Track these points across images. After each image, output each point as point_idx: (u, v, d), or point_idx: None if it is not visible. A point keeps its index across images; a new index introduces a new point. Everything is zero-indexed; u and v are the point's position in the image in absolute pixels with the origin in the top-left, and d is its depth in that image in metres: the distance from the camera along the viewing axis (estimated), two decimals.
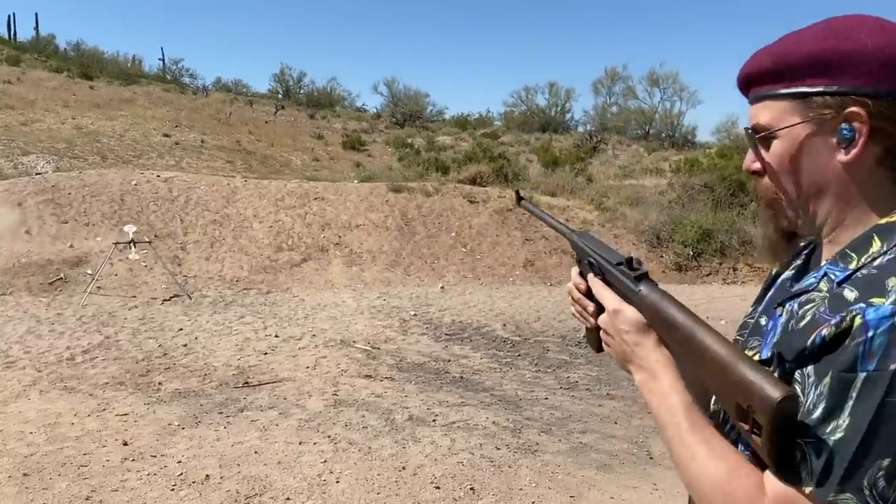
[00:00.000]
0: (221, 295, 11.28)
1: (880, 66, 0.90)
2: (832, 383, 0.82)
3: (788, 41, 0.98)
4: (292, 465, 4.49)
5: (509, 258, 14.38)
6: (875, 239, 0.94)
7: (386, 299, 11.20)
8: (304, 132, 30.80)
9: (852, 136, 0.92)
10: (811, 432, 0.82)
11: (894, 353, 0.79)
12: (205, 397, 5.99)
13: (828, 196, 0.98)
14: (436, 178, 17.61)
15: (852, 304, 0.86)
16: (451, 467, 4.48)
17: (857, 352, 0.81)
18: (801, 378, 0.87)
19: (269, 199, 14.67)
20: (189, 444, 4.84)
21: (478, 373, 7.18)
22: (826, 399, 0.82)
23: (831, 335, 0.84)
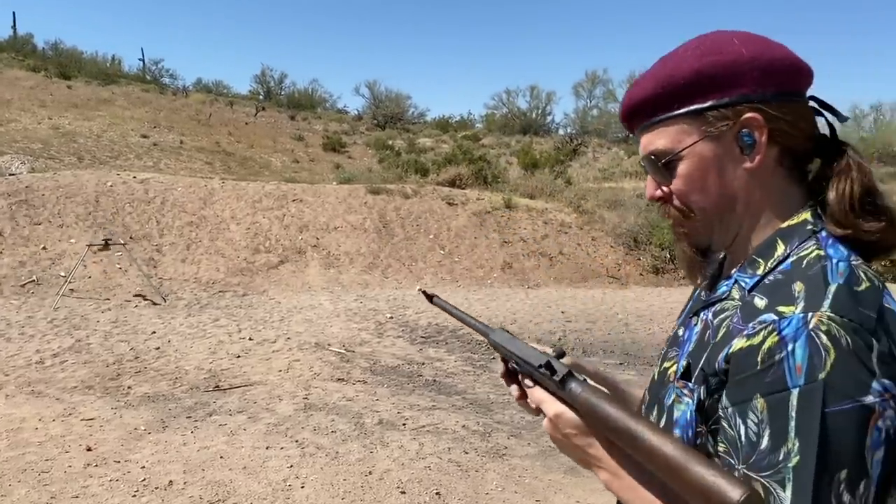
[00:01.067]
0: (196, 297, 11.20)
1: (761, 73, 0.93)
2: (768, 407, 0.80)
3: (668, 64, 0.98)
4: (258, 470, 4.45)
5: (487, 260, 14.40)
6: (778, 243, 0.95)
7: (363, 302, 11.16)
8: (285, 133, 30.66)
9: (753, 142, 0.93)
10: (766, 464, 0.79)
11: (818, 361, 0.78)
12: (174, 401, 5.93)
13: (738, 206, 0.98)
14: (415, 180, 17.59)
15: (762, 311, 0.86)
16: (417, 472, 4.46)
17: (782, 369, 0.80)
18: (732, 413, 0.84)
19: (247, 201, 14.59)
20: (154, 450, 4.78)
21: (451, 376, 7.17)
22: (768, 425, 0.80)
23: (743, 347, 0.84)
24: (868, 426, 0.78)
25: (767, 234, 0.97)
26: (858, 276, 0.86)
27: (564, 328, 9.96)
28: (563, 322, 10.41)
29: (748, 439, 0.81)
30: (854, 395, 0.77)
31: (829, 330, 0.79)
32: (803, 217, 0.96)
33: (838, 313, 0.80)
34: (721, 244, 1.03)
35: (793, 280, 0.87)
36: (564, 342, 9.09)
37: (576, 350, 8.70)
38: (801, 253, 0.92)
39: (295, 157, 26.71)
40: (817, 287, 0.84)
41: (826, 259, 0.88)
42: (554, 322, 10.37)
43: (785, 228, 0.96)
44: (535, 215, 16.29)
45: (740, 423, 0.82)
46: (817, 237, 0.93)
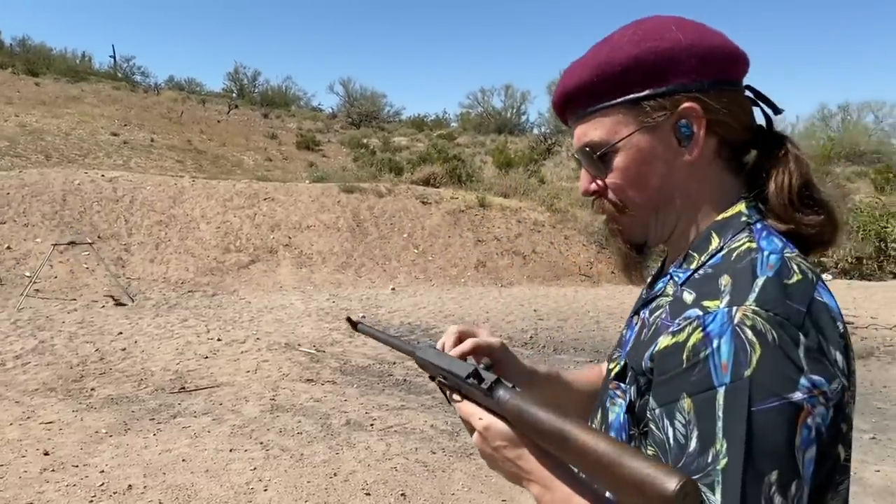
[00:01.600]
0: (165, 297, 11.04)
1: (699, 60, 0.90)
2: (695, 407, 0.76)
3: (603, 51, 0.93)
4: (220, 473, 4.37)
5: (461, 259, 14.38)
6: (713, 236, 0.92)
7: (335, 301, 11.08)
8: (258, 132, 30.39)
9: (691, 133, 0.90)
10: (695, 466, 0.75)
11: (744, 357, 0.75)
12: (138, 403, 5.82)
13: (676, 200, 0.95)
14: (389, 178, 17.52)
15: (689, 306, 0.83)
16: (383, 473, 4.41)
17: (707, 367, 0.76)
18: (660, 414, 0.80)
19: (218, 200, 14.42)
20: (115, 453, 4.68)
21: (422, 375, 7.11)
22: (696, 426, 0.76)
23: (668, 345, 0.81)
24: (797, 424, 0.74)
25: (703, 228, 0.94)
26: (790, 268, 0.83)
27: (537, 326, 9.96)
28: (535, 320, 10.41)
29: (676, 441, 0.78)
30: (781, 393, 0.74)
31: (755, 325, 0.76)
32: (738, 209, 0.93)
33: (764, 307, 0.77)
34: (657, 239, 1.00)
35: (720, 273, 0.84)
36: (536, 340, 9.08)
37: (547, 348, 8.69)
38: (733, 245, 0.88)
39: (268, 155, 26.48)
40: (744, 280, 0.81)
41: (757, 251, 0.85)
42: (526, 320, 10.37)
43: (720, 221, 0.93)
44: (509, 214, 16.29)
45: (668, 424, 0.79)
46: (750, 229, 0.90)
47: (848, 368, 0.80)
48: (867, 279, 15.37)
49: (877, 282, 15.11)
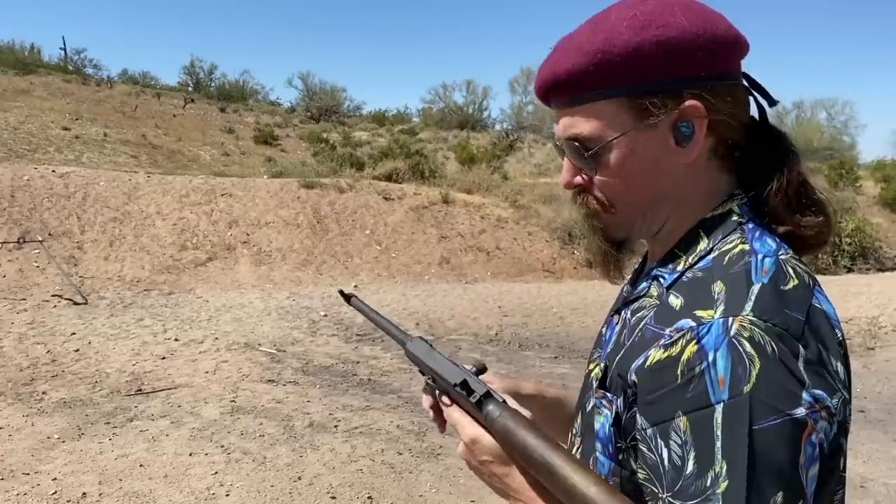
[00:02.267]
0: (120, 296, 10.73)
1: (703, 52, 0.81)
2: (692, 426, 0.70)
3: (600, 34, 0.83)
4: (180, 478, 4.22)
5: (425, 256, 14.29)
6: (701, 236, 0.86)
7: (296, 299, 10.90)
8: (215, 126, 29.84)
9: (691, 133, 0.83)
10: (693, 490, 0.69)
11: (742, 372, 0.69)
12: (92, 407, 5.62)
13: (668, 200, 0.88)
14: (350, 174, 17.33)
15: (679, 315, 0.77)
16: (349, 475, 4.31)
17: (704, 382, 0.70)
18: (653, 434, 0.74)
19: (174, 196, 14.09)
20: (68, 459, 4.49)
21: (387, 374, 7.03)
22: (693, 446, 0.70)
23: (661, 358, 0.74)
24: (801, 442, 0.69)
25: (691, 226, 0.87)
26: (786, 272, 0.77)
27: (501, 323, 9.93)
28: (500, 316, 10.39)
29: (672, 463, 0.71)
30: (784, 409, 0.68)
31: (753, 336, 0.70)
32: (728, 207, 0.87)
33: (761, 317, 0.71)
34: (640, 237, 0.93)
35: (713, 279, 0.78)
36: (501, 337, 9.06)
37: (512, 344, 8.67)
38: (724, 247, 0.82)
39: (225, 150, 26.02)
40: (739, 287, 0.75)
41: (751, 254, 0.79)
42: (491, 317, 10.34)
43: (709, 219, 0.87)
44: (473, 210, 16.26)
45: (662, 445, 0.72)
46: (743, 229, 0.84)
47: (847, 379, 0.76)
48: (822, 273, 15.69)
49: (831, 276, 15.46)
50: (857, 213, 18.57)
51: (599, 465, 0.85)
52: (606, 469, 0.84)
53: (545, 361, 7.85)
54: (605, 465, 0.84)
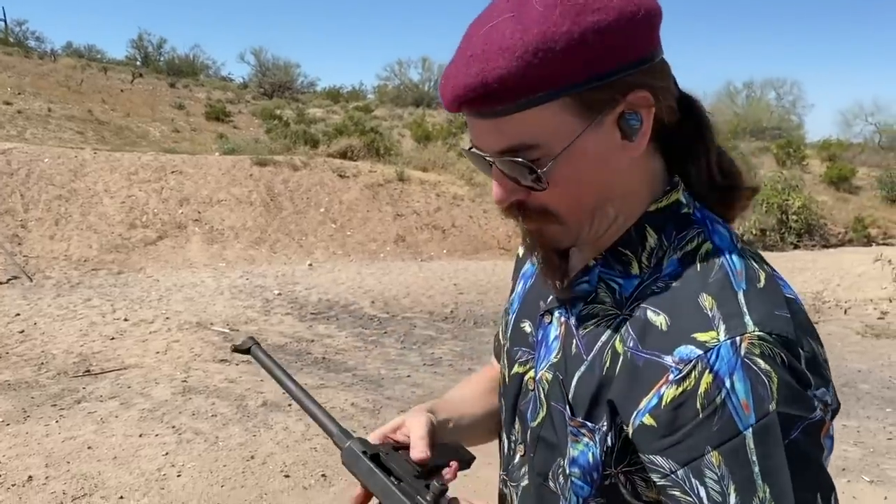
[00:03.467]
0: (67, 276, 10.45)
1: (640, 33, 0.74)
2: (724, 459, 0.68)
3: (531, 28, 0.70)
4: (129, 459, 4.16)
5: (380, 234, 14.23)
6: (648, 231, 0.81)
7: (249, 278, 10.76)
8: (164, 102, 29.09)
9: (640, 125, 0.75)
10: None
11: (764, 391, 0.67)
12: (38, 389, 5.48)
13: (615, 199, 0.81)
14: (305, 151, 17.09)
15: (671, 335, 0.73)
16: (302, 454, 4.30)
17: (727, 411, 0.68)
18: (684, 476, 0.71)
19: (122, 173, 13.73)
20: (13, 443, 4.38)
21: (341, 352, 7.01)
22: (731, 479, 0.67)
23: (676, 396, 0.70)
24: (821, 440, 0.70)
25: (634, 218, 0.82)
26: (752, 267, 0.76)
27: (457, 300, 9.97)
28: (455, 294, 10.43)
29: (712, 501, 0.69)
30: (805, 415, 0.68)
31: (763, 351, 0.68)
32: (674, 198, 0.82)
33: (764, 329, 0.69)
34: (587, 242, 0.85)
35: (695, 292, 0.74)
36: (457, 314, 9.10)
37: (467, 322, 8.72)
38: (688, 248, 0.79)
39: (175, 126, 25.42)
40: (728, 299, 0.72)
41: (718, 254, 0.76)
42: (447, 294, 10.37)
43: (654, 213, 0.81)
44: (428, 188, 16.22)
45: (697, 485, 0.69)
46: (696, 223, 0.80)
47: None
48: (769, 250, 16.09)
49: (779, 252, 15.89)
50: (803, 191, 19.05)
51: (576, 488, 0.82)
52: (586, 493, 0.81)
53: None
54: (583, 489, 0.82)
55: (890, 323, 9.20)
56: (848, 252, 16.72)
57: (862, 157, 29.38)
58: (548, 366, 0.87)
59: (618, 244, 0.83)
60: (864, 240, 19.09)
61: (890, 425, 5.49)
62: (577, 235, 0.83)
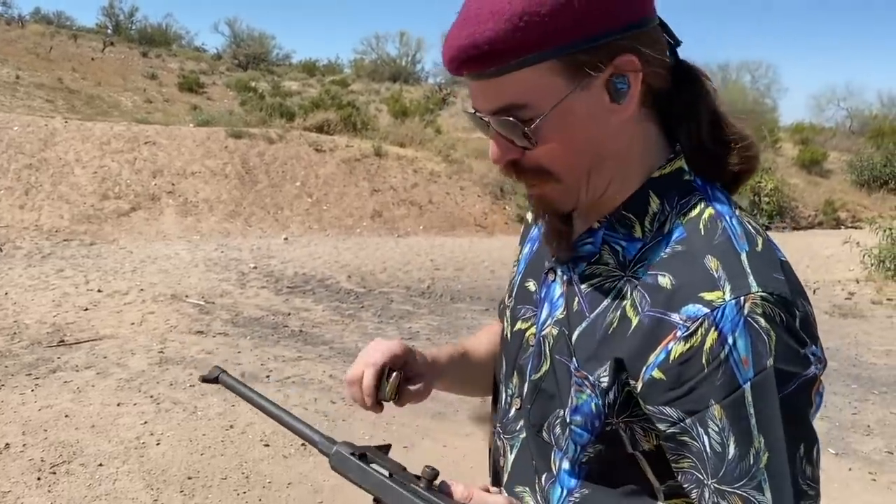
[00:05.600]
0: (38, 246, 10.29)
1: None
2: (725, 411, 0.73)
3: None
4: (108, 428, 4.15)
5: (357, 209, 14.19)
6: (652, 197, 0.84)
7: (224, 251, 10.69)
8: (136, 71, 28.55)
9: (626, 88, 0.78)
10: (738, 473, 0.73)
11: (763, 347, 0.72)
12: (11, 358, 5.42)
13: (608, 160, 0.84)
14: (280, 124, 16.92)
15: (677, 294, 0.76)
16: None
17: (729, 367, 0.72)
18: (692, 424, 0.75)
19: (94, 143, 13.49)
20: None
21: (318, 326, 7.02)
22: (731, 430, 0.73)
23: (683, 352, 0.74)
24: (812, 396, 0.75)
25: (636, 186, 0.85)
26: (751, 232, 0.80)
27: (434, 276, 10.01)
28: (432, 270, 10.46)
29: (713, 450, 0.74)
30: (799, 372, 0.73)
31: (764, 311, 0.72)
32: (677, 165, 0.85)
33: (766, 290, 0.73)
34: (585, 205, 0.88)
35: (700, 253, 0.77)
36: (433, 290, 9.13)
37: (444, 297, 8.76)
38: (691, 213, 0.82)
39: (148, 96, 25.00)
40: (732, 261, 0.76)
41: (720, 219, 0.80)
42: (423, 270, 10.40)
43: (658, 179, 0.85)
44: (405, 164, 16.18)
45: (701, 433, 0.75)
46: (697, 189, 0.84)
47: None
48: None
49: None
50: (775, 174, 19.33)
51: (575, 436, 0.86)
52: (584, 440, 0.85)
53: (476, 314, 7.97)
54: (581, 436, 0.85)
55: (857, 303, 9.42)
56: (818, 234, 17.05)
57: (833, 141, 29.86)
58: (553, 321, 0.91)
59: (621, 208, 0.86)
60: (834, 222, 19.48)
61: (855, 401, 5.66)
62: (576, 197, 0.86)
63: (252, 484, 3.63)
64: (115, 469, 3.66)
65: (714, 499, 0.75)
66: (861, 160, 23.57)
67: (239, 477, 3.68)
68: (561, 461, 0.89)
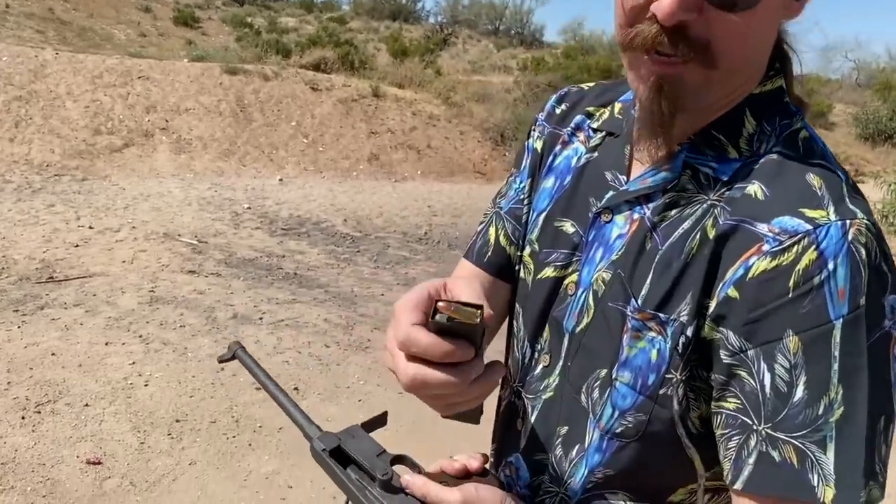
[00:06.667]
0: (28, 181, 10.09)
1: None
2: (804, 346, 0.60)
3: None
4: (95, 367, 4.07)
5: (353, 151, 13.94)
6: (748, 116, 0.72)
7: (218, 190, 10.51)
8: (129, 3, 27.77)
9: None
10: (800, 421, 0.60)
11: (859, 282, 0.60)
12: None
13: (752, 63, 0.72)
14: (276, 61, 16.52)
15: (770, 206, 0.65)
16: (275, 367, 4.24)
17: (822, 296, 0.60)
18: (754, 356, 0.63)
19: (86, 76, 13.14)
20: None
21: (313, 269, 6.90)
22: (804, 370, 0.60)
23: (767, 269, 0.62)
24: (890, 356, 0.62)
25: (736, 101, 0.73)
26: (840, 166, 0.70)
27: (431, 222, 9.87)
28: (429, 216, 10.32)
29: (775, 390, 0.62)
30: (881, 321, 0.61)
31: (866, 242, 0.61)
32: (779, 84, 0.74)
33: (868, 219, 0.63)
34: (694, 108, 0.72)
35: (801, 168, 0.66)
36: (430, 236, 9.02)
37: (441, 244, 8.65)
38: (791, 135, 0.71)
39: (141, 30, 24.38)
40: (834, 184, 0.65)
41: (818, 143, 0.70)
42: (420, 216, 10.26)
43: (759, 96, 0.73)
44: (404, 106, 15.85)
45: (765, 369, 0.62)
46: (796, 112, 0.73)
47: None
48: None
49: None
50: None
51: (617, 398, 0.74)
52: (628, 403, 0.73)
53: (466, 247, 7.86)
54: (626, 399, 0.73)
55: None
56: None
57: (839, 93, 29.43)
58: (606, 265, 0.78)
59: (711, 127, 0.73)
60: None
61: None
62: (710, 93, 0.71)
63: (242, 428, 3.56)
64: (101, 410, 3.58)
65: (762, 447, 0.62)
66: (867, 113, 23.23)
67: (228, 421, 3.61)
68: (593, 431, 0.77)
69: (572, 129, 0.92)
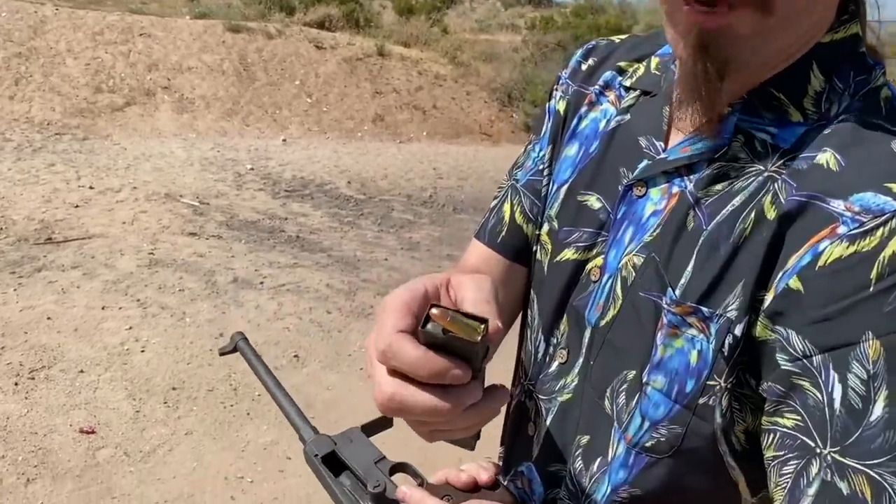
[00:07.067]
0: (28, 139, 9.95)
1: None
2: (886, 353, 0.48)
3: None
4: (91, 332, 3.98)
5: (358, 112, 13.72)
6: (814, 72, 0.59)
7: (220, 151, 10.36)
8: None
9: None
10: (876, 446, 0.47)
11: None
12: None
13: (813, 14, 0.59)
14: (280, 18, 16.20)
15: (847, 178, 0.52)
16: (275, 333, 4.16)
17: None
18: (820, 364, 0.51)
19: (86, 33, 12.90)
20: None
21: (316, 232, 6.79)
22: (885, 382, 0.48)
23: (842, 256, 0.50)
24: None
25: (798, 54, 0.60)
26: None
27: (436, 185, 9.73)
28: (434, 179, 10.17)
29: (847, 405, 0.49)
30: None
31: None
32: (853, 31, 0.61)
33: None
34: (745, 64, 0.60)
35: (886, 136, 0.54)
36: (436, 199, 8.88)
37: (446, 207, 8.52)
38: (870, 94, 0.59)
39: None
40: None
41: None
42: (426, 179, 10.11)
43: (827, 46, 0.60)
44: (410, 65, 15.56)
45: (835, 379, 0.50)
46: (875, 65, 0.60)
47: None
48: None
49: None
50: None
51: (647, 406, 0.63)
52: (661, 413, 0.61)
53: (479, 225, 7.74)
54: (659, 407, 0.61)
55: None
56: None
57: None
58: (638, 247, 0.66)
59: (770, 84, 0.60)
60: None
61: None
62: (763, 47, 0.59)
63: (240, 396, 3.48)
64: (96, 376, 3.51)
65: (826, 475, 0.49)
66: None
67: (226, 389, 3.53)
68: (619, 443, 0.65)
69: (601, 88, 0.79)
